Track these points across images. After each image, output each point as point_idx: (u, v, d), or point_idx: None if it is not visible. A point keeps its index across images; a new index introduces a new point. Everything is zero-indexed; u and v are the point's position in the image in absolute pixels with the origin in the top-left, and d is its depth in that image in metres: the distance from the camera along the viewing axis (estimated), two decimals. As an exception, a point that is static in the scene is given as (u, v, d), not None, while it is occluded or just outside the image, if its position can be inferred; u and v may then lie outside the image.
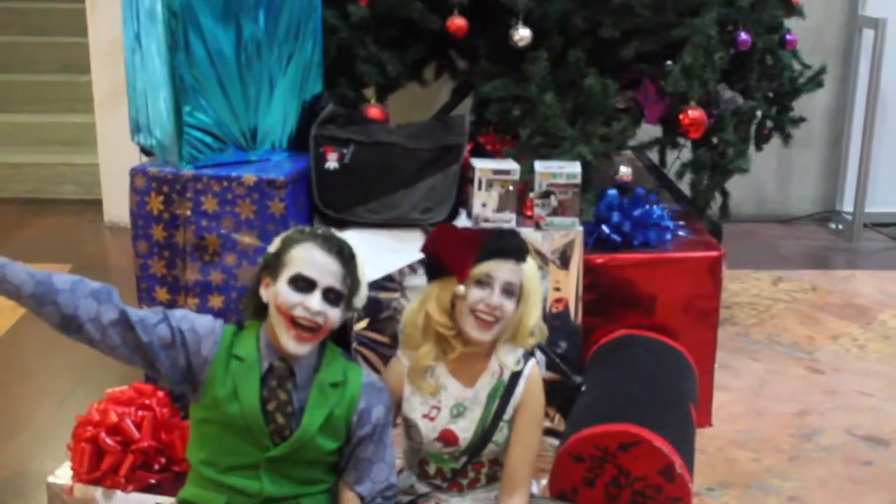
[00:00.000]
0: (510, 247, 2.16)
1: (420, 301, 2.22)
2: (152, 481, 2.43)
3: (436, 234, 2.22)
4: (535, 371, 2.24)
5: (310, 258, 1.99)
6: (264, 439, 2.01)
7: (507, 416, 2.20)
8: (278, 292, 1.99)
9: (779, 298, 4.23)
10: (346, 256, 2.02)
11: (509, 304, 2.14)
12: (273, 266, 2.03)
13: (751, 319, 3.99)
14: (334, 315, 2.01)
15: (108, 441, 2.41)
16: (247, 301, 2.11)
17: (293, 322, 1.98)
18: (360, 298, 2.10)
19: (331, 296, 2.00)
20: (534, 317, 2.20)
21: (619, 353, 2.85)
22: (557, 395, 2.81)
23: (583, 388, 2.68)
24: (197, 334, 2.04)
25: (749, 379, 3.47)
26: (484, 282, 2.13)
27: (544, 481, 2.49)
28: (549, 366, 2.79)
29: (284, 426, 2.02)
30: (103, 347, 2.02)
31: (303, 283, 1.98)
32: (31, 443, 2.99)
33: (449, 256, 2.15)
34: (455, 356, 2.19)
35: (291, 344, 1.99)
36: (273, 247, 2.07)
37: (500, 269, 2.13)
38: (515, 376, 2.21)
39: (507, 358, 2.21)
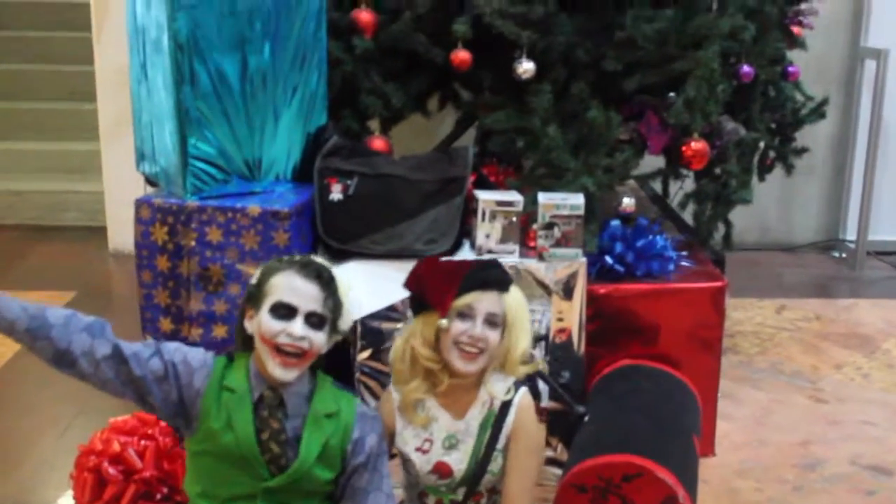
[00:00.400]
0: (491, 278, 2.17)
1: (405, 337, 2.23)
2: (154, 511, 2.43)
3: (418, 269, 2.23)
4: (526, 399, 2.23)
5: (289, 285, 2.01)
6: (261, 469, 2.02)
7: (500, 445, 2.20)
8: (261, 322, 2.01)
9: (782, 327, 4.23)
10: (325, 280, 2.03)
11: (493, 335, 2.15)
12: (255, 297, 2.04)
13: (754, 348, 3.99)
14: (318, 339, 2.03)
15: (111, 470, 2.41)
16: (237, 334, 2.12)
17: (277, 350, 2.00)
18: (345, 321, 2.10)
19: (313, 320, 2.01)
20: (521, 345, 2.21)
21: (622, 383, 2.85)
22: (560, 425, 2.81)
23: (586, 419, 2.67)
24: (189, 367, 2.05)
25: (752, 408, 3.47)
26: (466, 314, 2.14)
27: (547, 512, 2.49)
28: (553, 396, 2.79)
29: (280, 455, 2.03)
30: (95, 381, 2.02)
31: (284, 311, 1.99)
32: (33, 473, 2.99)
33: (430, 290, 2.17)
34: (444, 388, 2.20)
35: (278, 371, 2.01)
36: (254, 278, 2.08)
37: (482, 301, 2.14)
38: (506, 405, 2.20)
39: (497, 387, 2.21)
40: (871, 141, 4.96)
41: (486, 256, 2.73)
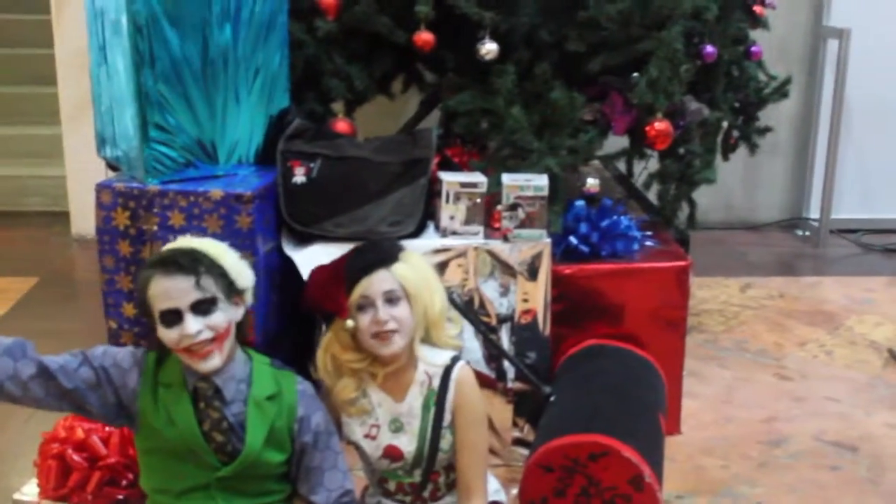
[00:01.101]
0: (371, 259, 2.16)
1: (324, 347, 2.22)
2: (119, 497, 2.42)
3: (307, 286, 2.22)
4: (464, 372, 2.22)
5: (161, 291, 1.98)
6: (210, 459, 2.02)
7: (445, 422, 2.20)
8: (160, 335, 2.00)
9: (747, 305, 4.26)
10: (187, 266, 2.00)
11: (399, 311, 2.13)
12: (146, 312, 2.03)
13: (719, 326, 4.02)
14: (218, 319, 2.00)
15: (75, 457, 2.40)
16: (154, 340, 2.10)
17: (188, 351, 1.99)
18: (242, 278, 2.08)
19: (200, 308, 1.99)
20: (436, 307, 2.19)
21: (588, 363, 2.86)
22: (526, 405, 2.83)
23: (552, 399, 2.69)
24: (121, 368, 2.05)
25: (717, 386, 3.50)
26: (364, 304, 2.13)
27: (514, 492, 2.50)
28: (518, 376, 2.80)
29: (225, 443, 2.03)
30: (28, 402, 2.01)
31: (170, 317, 1.98)
32: (-3, 460, 2.97)
33: (323, 300, 2.16)
34: (381, 380, 2.20)
35: (200, 365, 2.01)
36: (138, 294, 2.07)
37: (372, 285, 2.13)
38: (445, 381, 2.20)
39: (434, 360, 2.21)
40: (834, 120, 5.00)
41: (451, 238, 2.73)
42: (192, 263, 2.00)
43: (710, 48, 3.28)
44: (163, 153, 2.66)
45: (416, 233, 2.73)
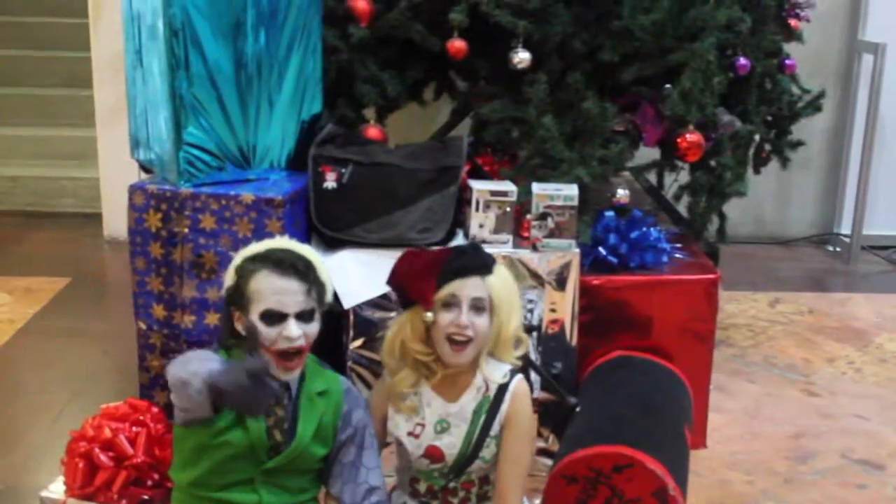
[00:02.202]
0: (470, 263, 2.16)
1: (395, 330, 2.22)
2: (145, 497, 2.43)
3: (398, 265, 2.21)
4: (521, 386, 2.23)
5: (272, 289, 1.98)
6: (263, 455, 2.03)
7: (493, 431, 2.20)
8: (258, 331, 1.98)
9: (776, 320, 4.23)
10: (302, 271, 2.01)
11: (480, 321, 2.14)
12: (238, 302, 2.02)
13: (747, 341, 3.99)
14: (313, 330, 2.04)
15: (102, 457, 2.41)
16: (225, 337, 2.10)
17: (280, 355, 2.00)
18: (329, 294, 2.10)
19: (304, 316, 2.01)
20: (512, 326, 2.19)
21: (615, 374, 2.85)
22: (552, 415, 2.82)
23: (577, 409, 2.68)
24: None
25: (745, 401, 3.47)
26: (450, 303, 2.13)
27: (538, 502, 2.49)
28: (544, 386, 2.80)
29: (282, 442, 2.05)
30: None
31: (275, 318, 1.98)
32: (25, 457, 2.99)
33: (411, 286, 2.16)
34: (437, 380, 2.21)
35: (284, 374, 2.03)
36: (229, 278, 2.06)
37: (464, 288, 2.13)
38: (501, 392, 2.20)
39: (494, 373, 2.21)
40: (868, 135, 4.97)
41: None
42: (308, 270, 2.02)
43: (743, 60, 3.26)
44: (196, 156, 2.69)
45: (446, 240, 2.74)
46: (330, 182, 2.79)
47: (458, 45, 2.99)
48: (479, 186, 2.76)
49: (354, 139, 2.93)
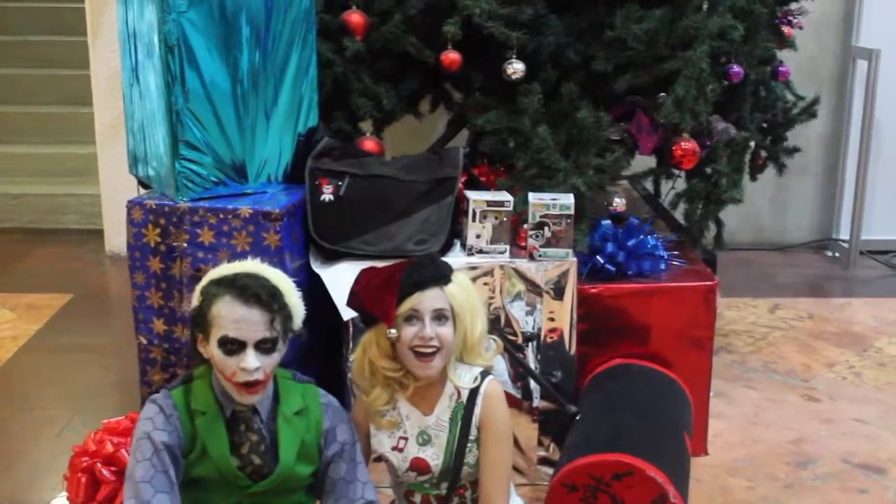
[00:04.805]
0: (428, 275, 2.16)
1: (361, 351, 2.22)
2: (148, 511, 2.44)
3: (356, 285, 2.20)
4: (492, 387, 2.22)
5: (232, 316, 1.94)
6: (242, 482, 2.03)
7: (472, 436, 2.20)
8: (214, 356, 1.97)
9: (775, 326, 4.24)
10: (265, 301, 1.95)
11: (444, 330, 2.14)
12: (200, 324, 1.99)
13: (747, 347, 4.00)
14: (273, 360, 1.99)
15: (104, 471, 2.43)
16: (192, 353, 2.08)
17: (236, 384, 1.97)
18: (299, 319, 2.06)
19: (265, 346, 1.96)
20: (477, 330, 2.19)
21: (614, 382, 2.86)
22: (552, 424, 2.83)
23: (577, 418, 2.69)
24: (170, 433, 1.99)
25: (745, 407, 3.48)
26: (412, 317, 2.13)
27: (539, 511, 2.51)
28: (544, 395, 2.81)
29: (262, 465, 2.04)
30: None
31: (233, 346, 1.94)
32: (29, 473, 3.00)
33: (370, 304, 2.16)
34: (410, 393, 2.21)
35: (245, 399, 2.00)
36: (195, 299, 2.03)
37: (424, 300, 2.13)
38: (473, 395, 2.20)
39: (463, 378, 2.21)
40: (864, 140, 4.98)
41: (477, 256, 2.75)
42: (271, 299, 1.97)
43: (736, 68, 3.28)
44: (193, 171, 2.70)
45: (443, 251, 2.75)
46: (327, 195, 2.81)
47: (452, 56, 3.01)
48: (475, 197, 2.77)
49: (351, 152, 2.95)
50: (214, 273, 2.04)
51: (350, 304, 2.22)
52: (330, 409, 2.13)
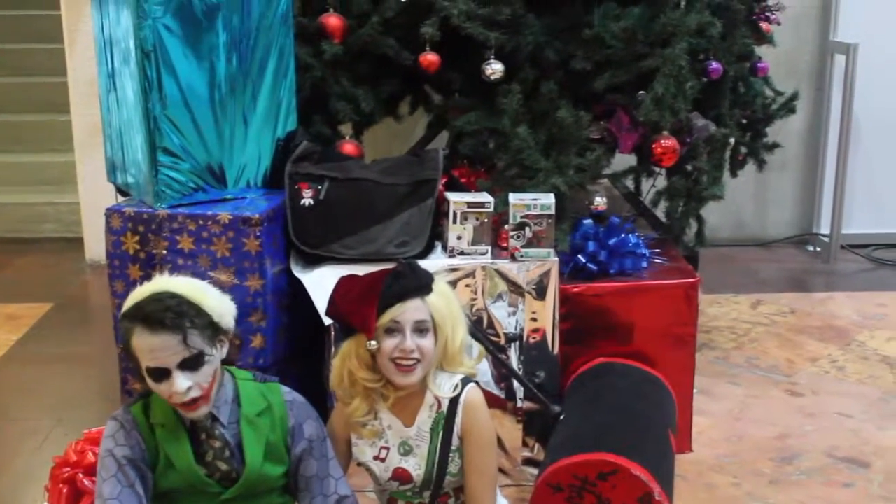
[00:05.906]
0: (409, 286, 2.12)
1: (340, 361, 2.18)
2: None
3: (335, 294, 2.17)
4: (472, 395, 2.19)
5: (146, 347, 1.91)
6: (212, 489, 2.02)
7: (454, 445, 2.18)
8: (150, 384, 1.95)
9: (758, 322, 4.25)
10: (170, 325, 1.90)
11: (425, 342, 2.11)
12: (132, 359, 1.97)
13: (730, 344, 4.01)
14: (206, 373, 1.96)
15: (86, 482, 2.40)
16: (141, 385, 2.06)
17: (175, 405, 1.97)
18: (226, 318, 2.02)
19: (188, 364, 1.93)
20: (458, 339, 2.17)
21: (598, 381, 2.86)
22: (536, 424, 2.83)
23: (561, 418, 2.69)
24: (132, 447, 1.99)
25: (729, 403, 3.49)
26: (393, 329, 2.09)
27: (524, 512, 2.51)
28: (528, 395, 2.81)
29: (230, 471, 2.03)
30: None
31: (158, 373, 1.92)
32: (10, 484, 2.98)
33: (350, 315, 2.12)
34: (391, 403, 2.19)
35: (190, 415, 1.99)
36: (121, 340, 2.00)
37: (405, 312, 2.10)
38: (454, 405, 2.18)
39: (443, 387, 2.19)
40: (843, 135, 5.00)
41: (459, 258, 2.74)
42: (177, 320, 1.90)
43: (715, 65, 3.29)
44: (172, 178, 2.69)
45: (424, 253, 2.74)
46: (307, 199, 2.80)
47: (430, 58, 3.00)
48: (456, 198, 2.77)
49: (330, 155, 2.93)
50: (126, 303, 2.00)
51: (329, 312, 2.20)
52: (294, 405, 2.10)
